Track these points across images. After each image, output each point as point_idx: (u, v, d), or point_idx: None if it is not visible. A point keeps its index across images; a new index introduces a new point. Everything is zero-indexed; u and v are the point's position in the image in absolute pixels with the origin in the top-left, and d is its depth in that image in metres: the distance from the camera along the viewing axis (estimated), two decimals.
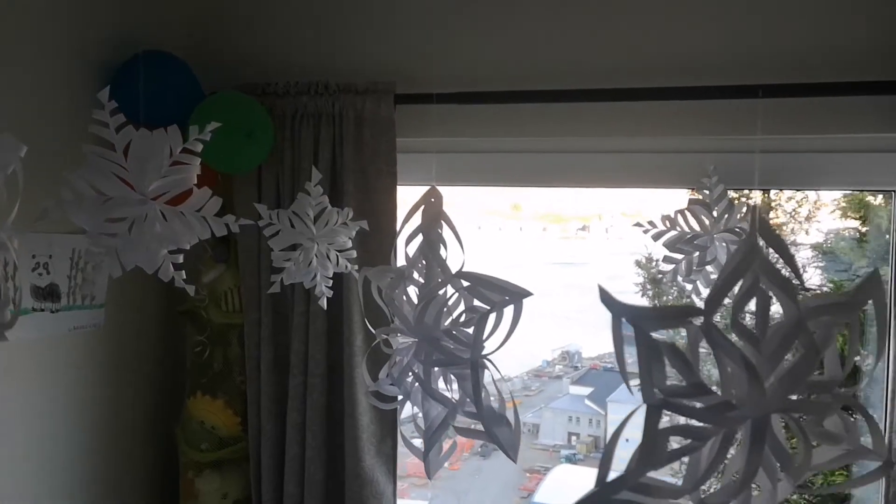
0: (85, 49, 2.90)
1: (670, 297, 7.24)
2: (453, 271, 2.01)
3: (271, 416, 3.24)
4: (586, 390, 10.00)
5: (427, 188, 2.15)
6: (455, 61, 3.18)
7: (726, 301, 1.25)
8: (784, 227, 5.25)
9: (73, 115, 2.56)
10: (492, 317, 1.87)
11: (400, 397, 2.17)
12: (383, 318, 2.26)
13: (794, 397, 1.23)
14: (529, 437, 10.45)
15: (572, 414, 10.12)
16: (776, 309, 1.30)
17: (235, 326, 3.26)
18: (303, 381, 3.16)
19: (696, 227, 2.58)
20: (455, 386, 2.08)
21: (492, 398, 2.04)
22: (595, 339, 10.54)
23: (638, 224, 2.61)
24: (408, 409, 2.37)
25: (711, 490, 1.34)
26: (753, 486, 1.28)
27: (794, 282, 1.24)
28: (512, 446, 1.92)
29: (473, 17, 3.16)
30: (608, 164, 3.22)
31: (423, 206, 2.09)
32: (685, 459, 1.28)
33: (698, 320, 1.21)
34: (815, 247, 4.20)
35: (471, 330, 1.92)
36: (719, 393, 1.24)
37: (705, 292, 2.62)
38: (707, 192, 2.65)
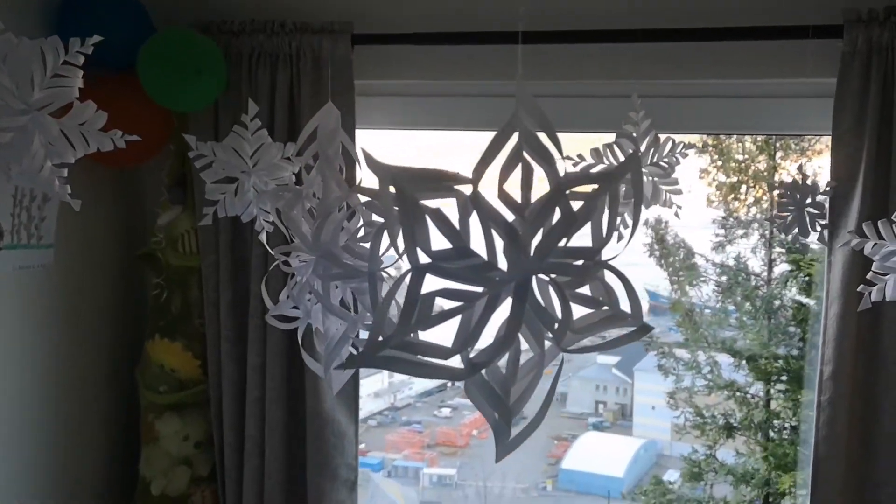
0: None
1: (678, 257, 7.20)
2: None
3: (231, 358, 3.24)
4: (613, 359, 9.98)
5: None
6: (415, 1, 3.15)
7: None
8: None
9: None
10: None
11: (300, 316, 2.15)
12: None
13: (555, 261, 1.23)
14: (557, 405, 10.45)
15: (599, 382, 10.11)
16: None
17: (194, 269, 3.26)
18: (262, 323, 3.14)
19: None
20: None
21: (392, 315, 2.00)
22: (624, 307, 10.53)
23: (567, 157, 2.57)
24: None
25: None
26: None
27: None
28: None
29: None
30: (567, 108, 3.19)
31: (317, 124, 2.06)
32: None
33: (466, 188, 1.20)
34: None
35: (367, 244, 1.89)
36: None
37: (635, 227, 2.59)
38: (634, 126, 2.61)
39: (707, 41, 2.87)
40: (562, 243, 1.26)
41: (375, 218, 1.94)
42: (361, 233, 2.01)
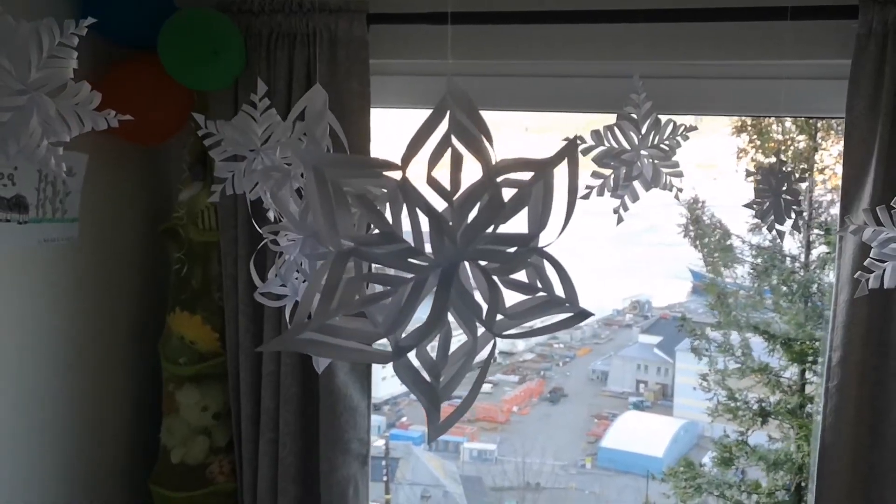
0: None
1: (714, 238, 7.17)
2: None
3: (248, 332, 3.30)
4: (655, 339, 10.02)
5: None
6: None
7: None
8: None
9: None
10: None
11: (288, 294, 2.20)
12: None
13: (483, 247, 1.25)
14: (598, 384, 10.51)
15: (641, 362, 10.16)
16: None
17: (214, 244, 3.32)
18: None
19: (625, 143, 2.56)
20: None
21: None
22: (665, 289, 10.51)
23: (566, 138, 2.59)
24: None
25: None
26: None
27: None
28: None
29: None
30: (589, 89, 3.22)
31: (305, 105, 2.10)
32: None
33: (396, 175, 1.23)
34: None
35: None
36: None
37: (632, 206, 2.61)
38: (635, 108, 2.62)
39: (717, 21, 2.87)
40: (505, 229, 1.28)
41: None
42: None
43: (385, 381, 7.79)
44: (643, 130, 2.56)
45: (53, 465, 3.19)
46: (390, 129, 3.37)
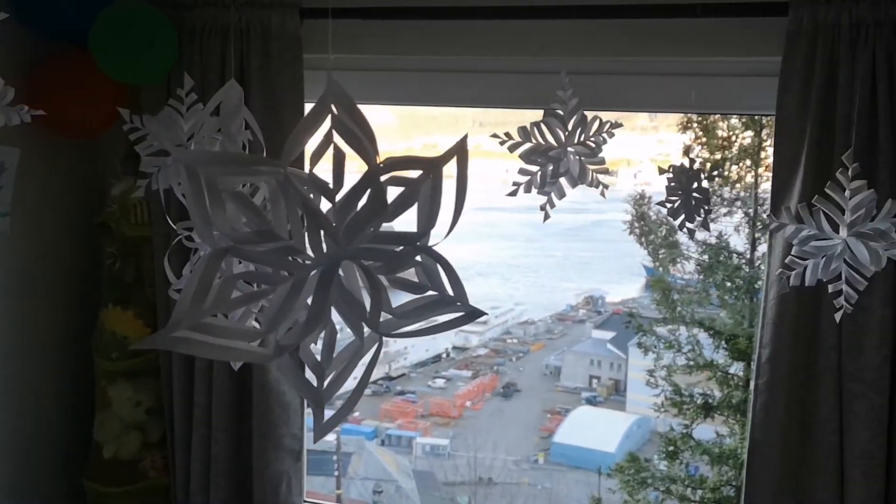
0: None
1: (661, 234, 7.21)
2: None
3: None
4: (608, 334, 10.06)
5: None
6: None
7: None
8: None
9: None
10: None
11: None
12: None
13: (365, 246, 1.25)
14: (551, 379, 10.55)
15: (594, 357, 10.21)
16: None
17: (146, 239, 3.30)
18: None
19: (552, 140, 2.56)
20: None
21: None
22: (618, 285, 10.57)
23: (495, 135, 2.59)
24: None
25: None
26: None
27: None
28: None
29: None
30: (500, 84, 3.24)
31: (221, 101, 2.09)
32: None
33: (275, 172, 1.23)
34: None
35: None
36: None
37: (558, 203, 2.61)
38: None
39: (648, 18, 2.87)
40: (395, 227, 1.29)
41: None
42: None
43: None
44: (569, 127, 2.56)
45: None
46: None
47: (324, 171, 1.31)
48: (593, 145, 2.57)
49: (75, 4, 3.02)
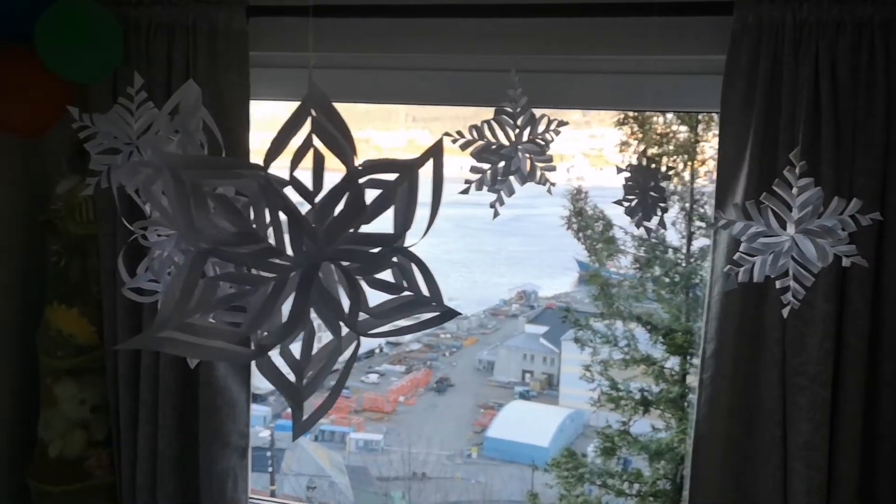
0: None
1: (597, 229, 7.29)
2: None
3: (126, 326, 3.27)
4: (541, 329, 10.12)
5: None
6: None
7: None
8: None
9: None
10: None
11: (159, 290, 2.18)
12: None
13: (344, 248, 1.27)
14: (484, 373, 10.60)
15: (527, 352, 10.26)
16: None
17: (92, 237, 3.29)
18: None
19: (502, 138, 2.59)
20: None
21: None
22: (551, 279, 10.65)
23: (447, 134, 2.62)
24: None
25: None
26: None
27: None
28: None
29: None
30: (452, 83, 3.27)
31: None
32: None
33: (255, 176, 1.25)
34: None
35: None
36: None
37: (508, 201, 2.64)
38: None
39: (593, 17, 2.92)
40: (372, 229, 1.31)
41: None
42: None
43: None
44: (519, 125, 2.59)
45: None
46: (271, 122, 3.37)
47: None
48: (542, 143, 2.60)
49: (19, 1, 2.99)
